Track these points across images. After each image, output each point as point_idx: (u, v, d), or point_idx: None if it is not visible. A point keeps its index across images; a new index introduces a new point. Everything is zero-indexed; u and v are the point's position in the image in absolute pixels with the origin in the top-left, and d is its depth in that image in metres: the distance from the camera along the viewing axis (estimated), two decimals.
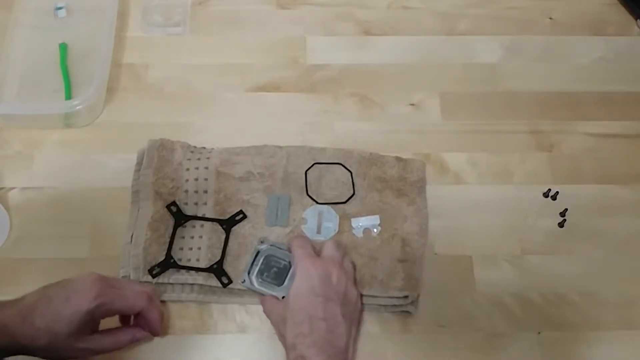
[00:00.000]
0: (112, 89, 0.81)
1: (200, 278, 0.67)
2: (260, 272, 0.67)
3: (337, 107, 0.81)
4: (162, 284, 0.67)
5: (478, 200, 0.75)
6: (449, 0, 0.91)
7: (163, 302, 0.67)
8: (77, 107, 0.75)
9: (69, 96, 0.80)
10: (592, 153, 0.79)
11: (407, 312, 0.68)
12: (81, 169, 0.76)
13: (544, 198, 0.76)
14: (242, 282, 0.66)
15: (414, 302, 0.67)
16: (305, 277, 0.62)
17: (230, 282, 0.67)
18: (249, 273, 0.67)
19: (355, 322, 0.64)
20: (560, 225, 0.74)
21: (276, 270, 0.67)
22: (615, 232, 0.74)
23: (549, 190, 0.76)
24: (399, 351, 0.67)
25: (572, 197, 0.75)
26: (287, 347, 0.60)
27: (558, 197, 0.75)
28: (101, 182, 0.74)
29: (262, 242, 0.68)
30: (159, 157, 0.73)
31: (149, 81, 0.82)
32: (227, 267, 0.68)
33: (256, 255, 0.68)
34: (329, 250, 0.66)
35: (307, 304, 0.61)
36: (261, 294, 0.66)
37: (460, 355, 0.66)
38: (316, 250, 0.67)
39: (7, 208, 0.72)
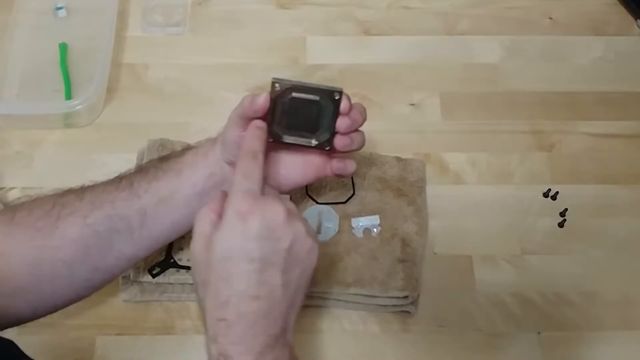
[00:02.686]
0: (112, 89, 0.81)
1: None
2: (286, 121, 0.55)
3: None
4: (162, 284, 0.67)
5: (478, 200, 0.75)
6: (449, 0, 0.91)
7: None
8: (77, 107, 0.75)
9: (69, 96, 0.80)
10: (592, 153, 0.79)
11: (407, 312, 0.68)
12: (81, 169, 0.76)
13: (544, 198, 0.76)
14: (270, 140, 0.55)
15: (414, 302, 0.67)
16: (238, 230, 0.45)
17: None
18: (270, 125, 0.54)
19: (302, 288, 0.49)
20: (560, 225, 0.74)
21: (308, 113, 0.54)
22: (615, 232, 0.74)
23: (549, 190, 0.76)
24: (399, 351, 0.66)
25: (572, 197, 0.75)
26: (207, 334, 0.46)
27: (558, 197, 0.75)
28: None
29: (276, 83, 0.53)
30: (159, 156, 0.73)
31: (149, 81, 0.82)
32: None
33: (275, 100, 0.54)
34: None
35: (236, 273, 0.45)
36: (298, 146, 0.56)
37: (460, 355, 0.66)
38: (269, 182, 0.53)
39: None
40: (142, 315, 0.67)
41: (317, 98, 0.54)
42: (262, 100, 0.53)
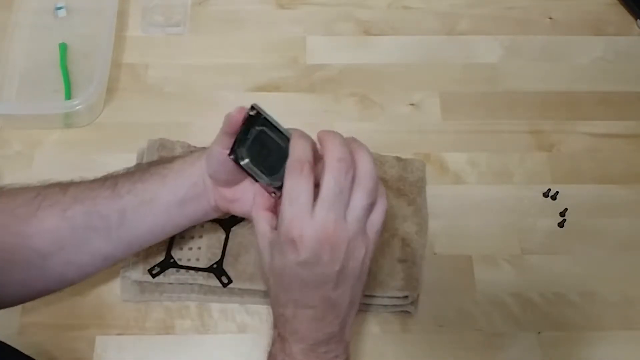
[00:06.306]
0: (112, 89, 0.81)
1: (200, 278, 0.67)
2: (251, 149, 0.52)
3: (337, 107, 0.81)
4: (162, 283, 0.67)
5: (478, 200, 0.75)
6: (449, 0, 0.91)
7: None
8: (77, 107, 0.75)
9: (69, 96, 0.80)
10: (592, 153, 0.79)
11: (407, 312, 0.68)
12: (81, 169, 0.75)
13: (544, 198, 0.76)
14: (230, 155, 0.53)
15: (414, 302, 0.67)
16: (289, 255, 0.46)
17: (230, 282, 0.67)
18: (237, 145, 0.52)
19: (358, 294, 0.51)
20: (560, 225, 0.74)
21: (271, 153, 0.52)
22: (615, 232, 0.74)
23: (549, 190, 0.76)
24: (399, 351, 0.67)
25: (572, 197, 0.75)
26: (273, 314, 0.52)
27: (558, 197, 0.75)
28: None
29: (254, 108, 0.51)
30: (158, 157, 0.73)
31: (149, 81, 0.82)
32: (227, 267, 0.68)
33: (248, 124, 0.52)
34: (327, 204, 0.46)
35: (293, 286, 0.48)
36: (252, 177, 0.53)
37: (460, 355, 0.67)
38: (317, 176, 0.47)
39: None
40: (142, 315, 0.67)
41: (284, 145, 0.50)
42: (235, 112, 0.52)
